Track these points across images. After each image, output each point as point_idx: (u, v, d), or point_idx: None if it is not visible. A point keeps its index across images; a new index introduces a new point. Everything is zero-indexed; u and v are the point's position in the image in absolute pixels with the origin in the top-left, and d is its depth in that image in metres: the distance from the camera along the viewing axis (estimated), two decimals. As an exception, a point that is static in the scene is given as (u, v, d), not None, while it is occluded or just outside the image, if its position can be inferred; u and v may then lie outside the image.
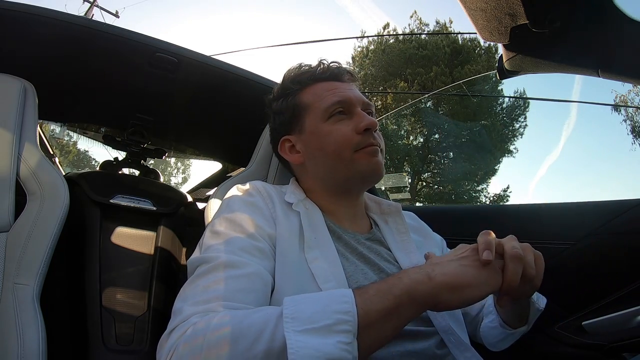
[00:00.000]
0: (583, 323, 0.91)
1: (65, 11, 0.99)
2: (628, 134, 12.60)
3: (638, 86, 10.07)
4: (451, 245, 0.84)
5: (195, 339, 0.43)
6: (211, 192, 1.22)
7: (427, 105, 13.45)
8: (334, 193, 0.73)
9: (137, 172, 1.51)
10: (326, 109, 0.71)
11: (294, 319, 0.41)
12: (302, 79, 0.75)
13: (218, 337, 0.42)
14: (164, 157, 1.57)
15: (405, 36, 14.09)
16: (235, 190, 0.69)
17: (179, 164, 21.14)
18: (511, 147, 13.57)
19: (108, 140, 1.46)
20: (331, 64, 0.77)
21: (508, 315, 0.67)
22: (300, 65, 0.78)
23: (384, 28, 14.61)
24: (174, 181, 20.81)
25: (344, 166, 0.69)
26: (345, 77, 0.76)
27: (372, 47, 14.23)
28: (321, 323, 0.41)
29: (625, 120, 12.70)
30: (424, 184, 14.23)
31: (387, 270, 0.65)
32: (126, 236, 1.11)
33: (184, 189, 1.83)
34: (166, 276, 1.09)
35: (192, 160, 14.62)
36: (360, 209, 0.76)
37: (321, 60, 0.77)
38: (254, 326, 0.42)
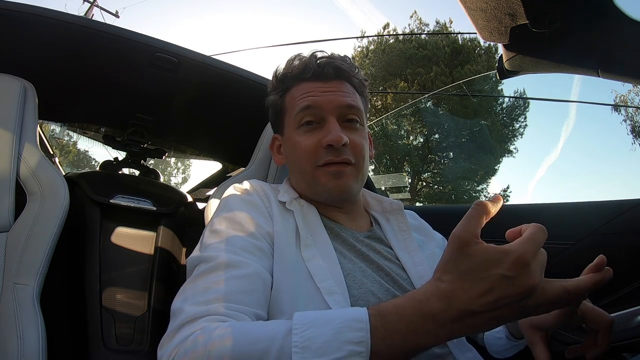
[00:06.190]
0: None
1: (65, 11, 0.99)
2: (628, 134, 12.64)
3: (638, 86, 10.06)
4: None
5: (199, 346, 0.42)
6: (211, 192, 1.22)
7: (427, 105, 13.45)
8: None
9: (137, 172, 1.51)
10: (295, 115, 0.69)
11: (304, 348, 0.39)
12: (286, 79, 0.73)
13: (220, 353, 0.41)
14: (164, 157, 1.57)
15: (405, 36, 14.09)
16: (232, 190, 0.69)
17: (179, 164, 21.15)
18: (511, 147, 13.60)
19: (108, 140, 1.45)
20: (318, 61, 0.70)
21: (516, 327, 0.65)
22: (294, 58, 0.73)
23: (384, 28, 14.62)
24: (174, 181, 20.82)
25: (308, 181, 0.68)
26: (331, 74, 0.69)
27: (372, 47, 14.24)
28: (332, 356, 0.39)
29: (625, 120, 12.73)
30: (424, 184, 14.23)
31: (387, 269, 0.65)
32: (126, 236, 1.11)
33: (184, 189, 1.83)
34: (166, 276, 1.09)
35: (192, 160, 14.63)
36: (358, 209, 0.75)
37: (313, 52, 0.72)
38: (259, 343, 0.41)
